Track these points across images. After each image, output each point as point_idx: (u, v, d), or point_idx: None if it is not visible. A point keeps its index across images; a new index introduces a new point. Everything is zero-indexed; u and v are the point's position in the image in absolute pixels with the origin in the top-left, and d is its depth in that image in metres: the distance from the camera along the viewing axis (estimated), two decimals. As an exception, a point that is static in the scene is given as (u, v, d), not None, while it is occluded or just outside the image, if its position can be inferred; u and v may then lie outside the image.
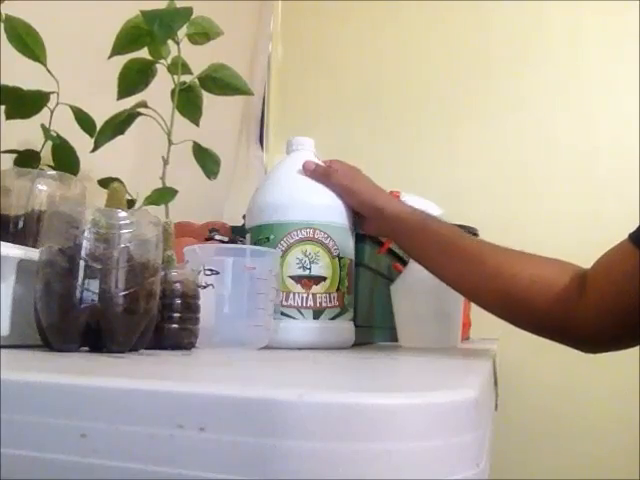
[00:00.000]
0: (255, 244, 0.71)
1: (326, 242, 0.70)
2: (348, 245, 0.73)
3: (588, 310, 0.65)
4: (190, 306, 0.57)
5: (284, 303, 0.69)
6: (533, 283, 0.68)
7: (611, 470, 1.56)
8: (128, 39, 0.73)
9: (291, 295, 0.69)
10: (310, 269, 0.69)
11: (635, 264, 0.60)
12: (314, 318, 0.69)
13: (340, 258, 0.71)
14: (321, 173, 0.74)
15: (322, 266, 0.70)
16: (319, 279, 0.70)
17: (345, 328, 0.72)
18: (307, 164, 0.74)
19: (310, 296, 0.69)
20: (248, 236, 0.73)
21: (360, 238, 0.79)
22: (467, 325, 1.15)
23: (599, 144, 1.72)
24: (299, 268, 0.69)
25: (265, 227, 0.71)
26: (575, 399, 1.66)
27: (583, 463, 1.61)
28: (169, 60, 0.76)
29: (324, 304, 0.69)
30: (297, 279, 0.69)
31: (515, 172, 1.78)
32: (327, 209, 0.72)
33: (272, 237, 0.70)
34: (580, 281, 0.67)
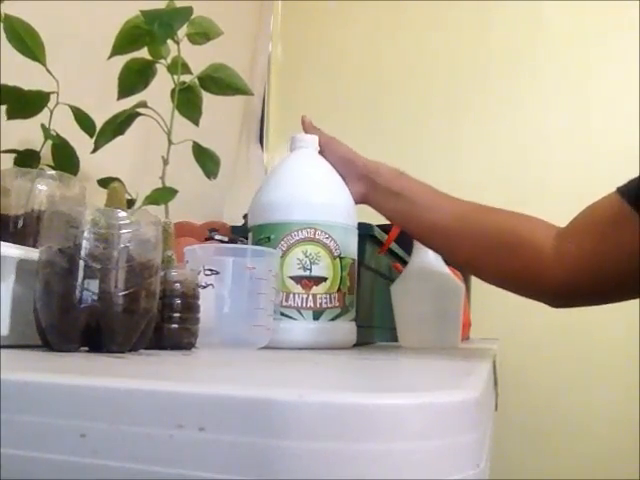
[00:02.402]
0: (256, 243, 0.71)
1: (327, 242, 0.70)
2: (350, 245, 0.73)
3: (565, 257, 0.67)
4: (190, 306, 0.56)
5: (284, 303, 0.68)
6: (511, 233, 0.72)
7: (611, 470, 1.56)
8: (128, 39, 0.73)
9: (291, 296, 0.69)
10: (310, 270, 0.69)
11: (616, 211, 0.62)
12: (314, 319, 0.69)
13: (342, 258, 0.71)
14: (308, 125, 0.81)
15: (323, 267, 0.69)
16: (319, 280, 0.69)
17: (346, 328, 0.72)
18: (304, 120, 0.81)
19: (310, 297, 0.69)
20: (250, 235, 0.73)
21: (361, 238, 0.79)
22: (467, 325, 1.15)
23: (599, 142, 1.73)
24: (299, 268, 0.69)
25: (266, 227, 0.71)
26: (575, 399, 1.66)
27: (583, 463, 1.61)
28: (169, 60, 0.76)
29: (324, 305, 0.69)
30: (297, 279, 0.69)
31: (515, 171, 1.78)
32: (329, 208, 0.72)
33: (273, 237, 0.70)
34: (556, 231, 0.70)
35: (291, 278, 0.69)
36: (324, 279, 0.69)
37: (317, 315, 0.69)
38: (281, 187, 0.74)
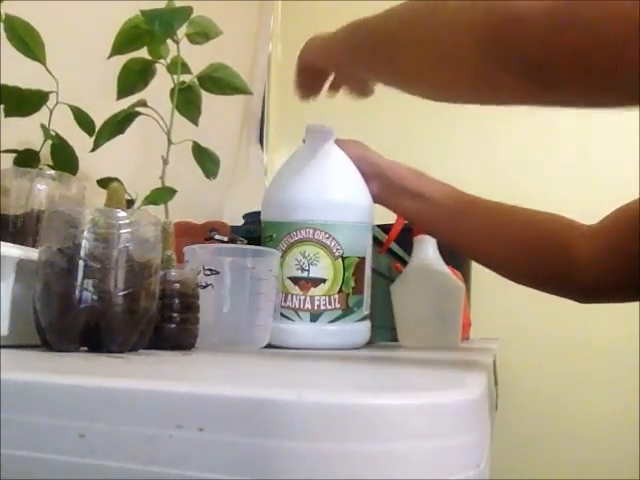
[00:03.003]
0: (263, 240, 0.71)
1: (327, 242, 0.69)
2: (356, 243, 0.71)
3: (597, 254, 0.68)
4: (190, 306, 0.56)
5: (282, 304, 0.68)
6: (542, 229, 0.72)
7: (611, 470, 1.56)
8: (128, 39, 0.73)
9: (289, 297, 0.68)
10: (309, 271, 0.68)
11: None
12: (311, 321, 0.68)
13: (344, 258, 0.70)
14: None
15: (321, 267, 0.69)
16: (318, 281, 0.69)
17: (349, 330, 0.70)
18: None
19: (308, 298, 0.68)
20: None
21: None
22: (467, 325, 1.15)
23: (599, 143, 1.72)
24: (297, 269, 0.68)
25: (271, 225, 0.71)
26: (575, 399, 1.66)
27: (583, 463, 1.61)
28: (168, 60, 0.76)
29: (322, 307, 0.68)
30: (295, 281, 0.68)
31: (514, 173, 1.78)
32: (330, 207, 0.70)
33: (275, 236, 0.70)
34: (585, 227, 0.70)
35: (290, 279, 0.68)
36: (323, 280, 0.69)
37: (315, 317, 0.68)
38: (285, 183, 0.73)
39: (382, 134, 1.82)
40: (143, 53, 0.75)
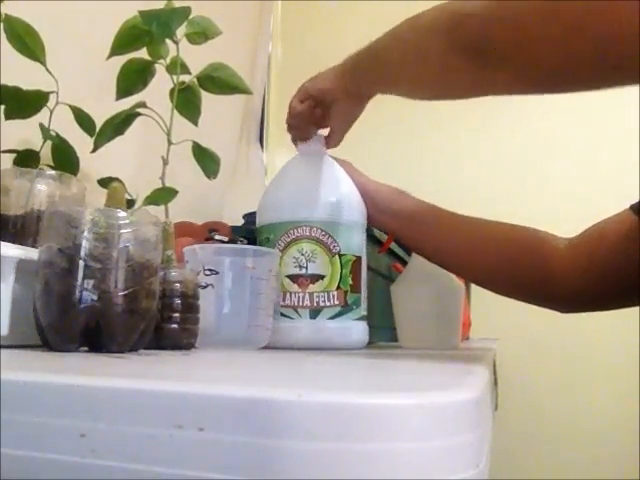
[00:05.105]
0: (259, 245, 0.71)
1: (324, 239, 0.69)
2: (353, 242, 0.72)
3: (575, 267, 0.70)
4: (190, 306, 0.57)
5: (281, 303, 0.68)
6: (522, 243, 0.73)
7: (611, 470, 1.56)
8: (127, 39, 0.73)
9: (288, 295, 0.68)
10: (306, 268, 0.69)
11: (630, 226, 0.65)
12: (311, 318, 0.68)
13: (342, 255, 0.70)
14: None
15: (319, 264, 0.69)
16: (316, 277, 0.69)
17: (350, 328, 0.71)
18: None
19: (307, 295, 0.68)
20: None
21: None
22: (467, 325, 1.15)
23: (599, 144, 1.72)
24: (295, 267, 0.69)
25: (266, 228, 0.72)
26: (575, 399, 1.66)
27: (583, 463, 1.61)
28: (168, 60, 0.76)
29: (321, 303, 0.69)
30: (294, 278, 0.69)
31: (514, 173, 1.78)
32: (325, 206, 0.71)
33: (272, 237, 0.70)
34: (565, 242, 0.72)
35: (288, 277, 0.69)
36: (321, 277, 0.69)
37: (314, 314, 0.68)
38: (279, 187, 0.74)
39: (381, 139, 1.82)
40: (142, 53, 0.75)
